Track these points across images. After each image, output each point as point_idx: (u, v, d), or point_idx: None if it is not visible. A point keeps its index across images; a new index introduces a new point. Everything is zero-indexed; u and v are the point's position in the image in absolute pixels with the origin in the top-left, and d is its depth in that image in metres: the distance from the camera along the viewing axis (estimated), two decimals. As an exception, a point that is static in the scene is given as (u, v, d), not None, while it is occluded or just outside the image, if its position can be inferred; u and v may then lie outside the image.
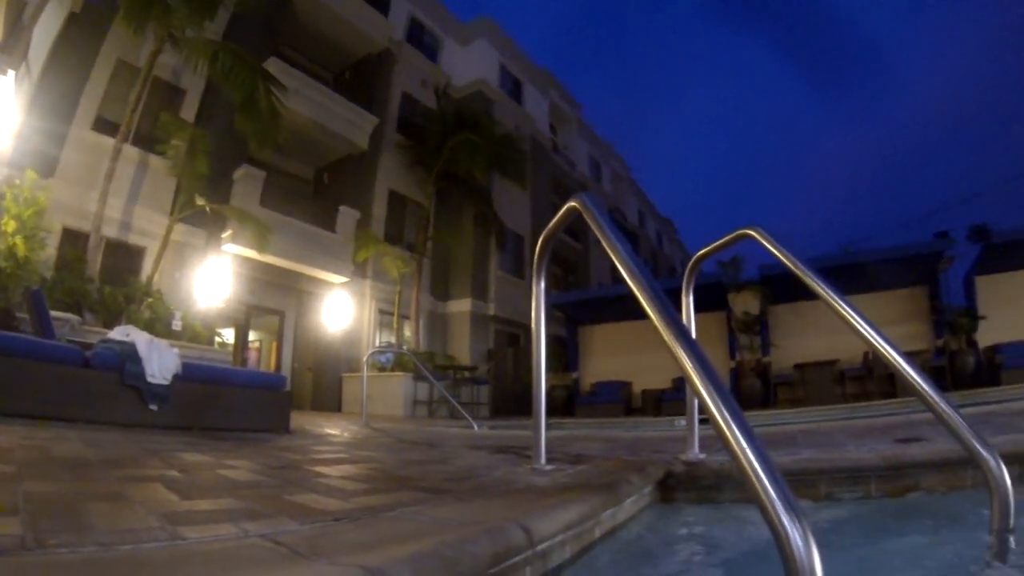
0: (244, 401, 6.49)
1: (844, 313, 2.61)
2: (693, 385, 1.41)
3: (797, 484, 2.96)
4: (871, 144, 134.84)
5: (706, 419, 1.36)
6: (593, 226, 2.26)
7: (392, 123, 20.89)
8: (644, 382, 17.45)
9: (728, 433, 1.30)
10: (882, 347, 2.49)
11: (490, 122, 20.80)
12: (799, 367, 15.35)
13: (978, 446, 2.21)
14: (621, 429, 8.47)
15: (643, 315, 1.72)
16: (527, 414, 3.63)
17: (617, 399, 16.06)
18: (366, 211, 18.90)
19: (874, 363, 13.89)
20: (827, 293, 2.67)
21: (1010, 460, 2.86)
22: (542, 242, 3.22)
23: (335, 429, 8.00)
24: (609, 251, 2.05)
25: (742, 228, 3.23)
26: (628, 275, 1.86)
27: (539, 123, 28.62)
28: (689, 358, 1.47)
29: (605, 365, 17.84)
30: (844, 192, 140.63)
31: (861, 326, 2.55)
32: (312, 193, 19.66)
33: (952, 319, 15.01)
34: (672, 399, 14.74)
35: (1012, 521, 2.08)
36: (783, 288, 15.22)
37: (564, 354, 18.73)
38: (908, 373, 2.40)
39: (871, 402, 11.32)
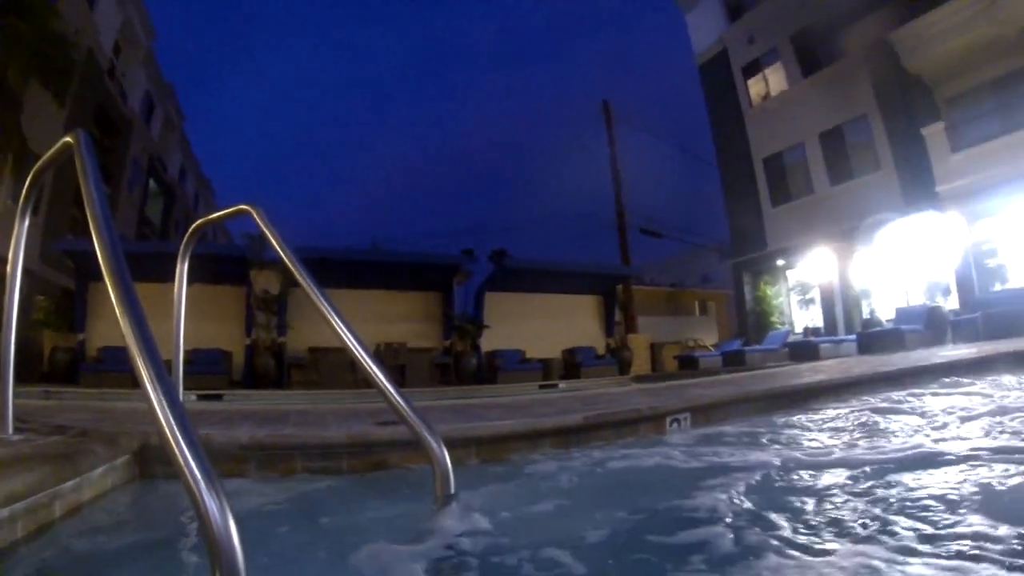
0: None
1: (320, 305, 2.78)
2: (132, 356, 1.48)
3: (274, 458, 3.19)
4: (427, 156, 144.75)
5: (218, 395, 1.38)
6: (79, 169, 2.18)
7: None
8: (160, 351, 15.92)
9: (157, 408, 1.37)
10: (350, 343, 2.72)
11: (47, 13, 16.99)
12: (314, 351, 15.54)
13: (423, 431, 2.61)
14: (125, 400, 7.99)
15: (163, 278, 1.68)
16: (20, 379, 3.23)
17: (125, 368, 14.58)
18: None
19: (386, 354, 14.91)
20: (308, 284, 2.82)
21: (468, 442, 3.50)
22: (33, 176, 2.92)
23: None
24: (85, 201, 2.00)
25: (243, 204, 3.22)
26: (95, 233, 1.85)
27: (104, 37, 24.34)
28: (132, 327, 1.55)
29: (118, 329, 15.93)
30: (395, 194, 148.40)
31: (333, 320, 2.75)
32: None
33: (461, 324, 17.18)
34: (193, 372, 13.83)
35: (452, 489, 2.55)
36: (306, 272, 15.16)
37: (71, 311, 16.15)
38: (371, 369, 2.68)
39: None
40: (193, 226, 3.79)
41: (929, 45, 18.28)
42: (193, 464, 1.29)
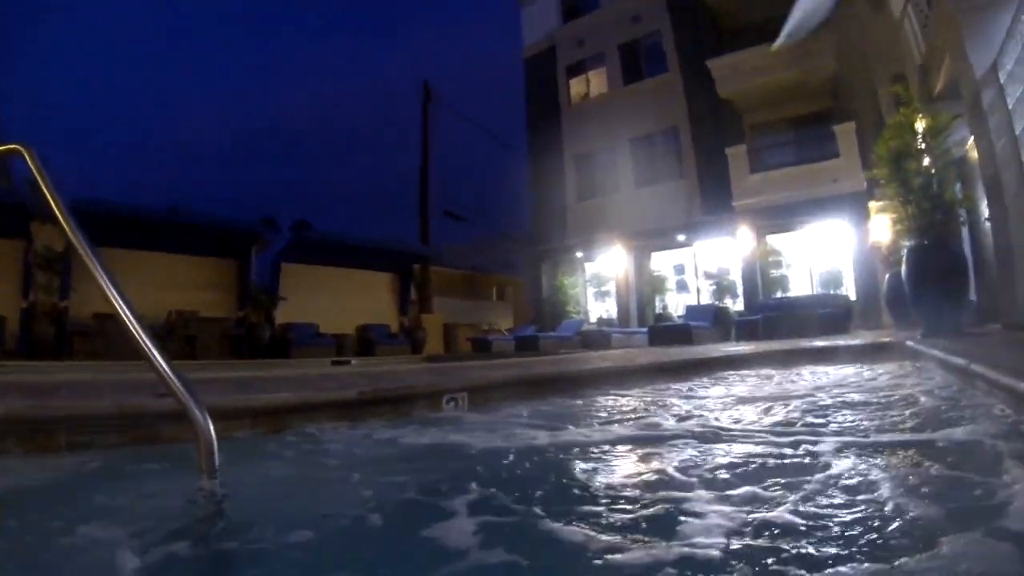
0: None
1: (88, 262, 2.72)
2: None
3: (36, 433, 3.05)
4: (242, 122, 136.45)
5: None
6: None
7: None
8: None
9: None
10: (120, 309, 2.68)
11: None
12: (100, 317, 13.91)
13: (190, 403, 2.58)
14: None
15: None
16: None
17: None
18: None
19: (177, 323, 14.29)
20: (80, 243, 2.73)
21: (241, 414, 3.57)
22: None
23: None
24: None
25: (14, 143, 2.99)
26: None
27: None
28: None
29: None
30: (205, 156, 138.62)
31: (105, 284, 2.70)
32: None
33: (256, 295, 16.86)
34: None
35: (217, 463, 2.54)
36: (93, 230, 13.87)
37: None
38: (140, 336, 2.62)
39: (174, 360, 11.64)
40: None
41: (741, 78, 20.48)
42: None
